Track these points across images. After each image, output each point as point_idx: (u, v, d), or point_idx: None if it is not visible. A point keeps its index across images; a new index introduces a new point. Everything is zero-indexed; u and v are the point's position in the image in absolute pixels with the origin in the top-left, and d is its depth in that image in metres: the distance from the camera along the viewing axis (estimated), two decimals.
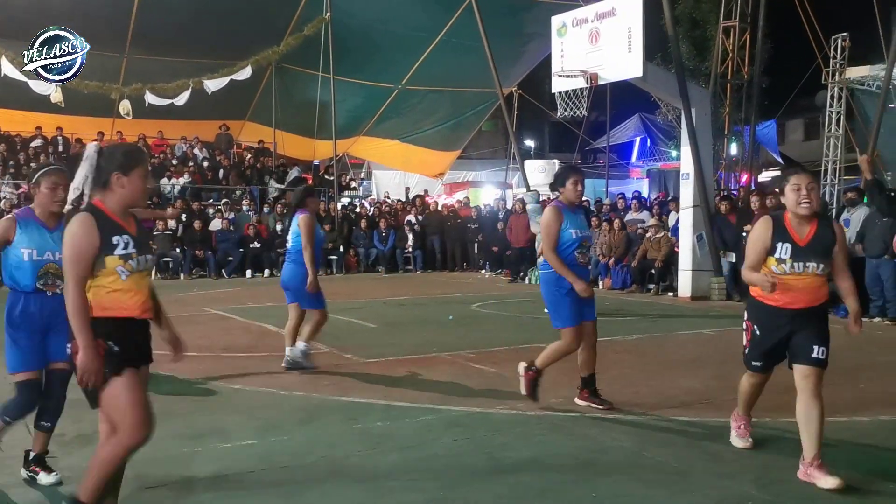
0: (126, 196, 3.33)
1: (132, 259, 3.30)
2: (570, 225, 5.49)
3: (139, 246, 3.36)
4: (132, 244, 3.30)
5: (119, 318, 3.28)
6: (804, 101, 23.82)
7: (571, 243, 5.48)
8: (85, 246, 3.17)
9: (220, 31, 20.24)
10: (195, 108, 20.97)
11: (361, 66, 22.15)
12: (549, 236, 5.47)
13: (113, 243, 3.23)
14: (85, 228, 3.18)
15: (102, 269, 3.22)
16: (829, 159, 20.85)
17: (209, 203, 20.04)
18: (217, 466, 4.42)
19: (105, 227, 3.23)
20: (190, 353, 7.72)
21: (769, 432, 5.05)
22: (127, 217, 3.38)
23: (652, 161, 29.58)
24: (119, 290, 3.26)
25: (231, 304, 12.31)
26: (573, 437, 5.01)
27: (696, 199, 12.96)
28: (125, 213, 3.38)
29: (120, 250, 3.24)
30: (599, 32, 12.62)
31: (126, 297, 3.29)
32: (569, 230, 5.48)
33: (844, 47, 19.78)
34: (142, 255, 3.38)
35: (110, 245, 3.23)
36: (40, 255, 4.18)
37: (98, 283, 3.22)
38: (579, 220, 5.61)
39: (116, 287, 3.25)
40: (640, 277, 14.32)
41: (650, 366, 7.47)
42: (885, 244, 10.21)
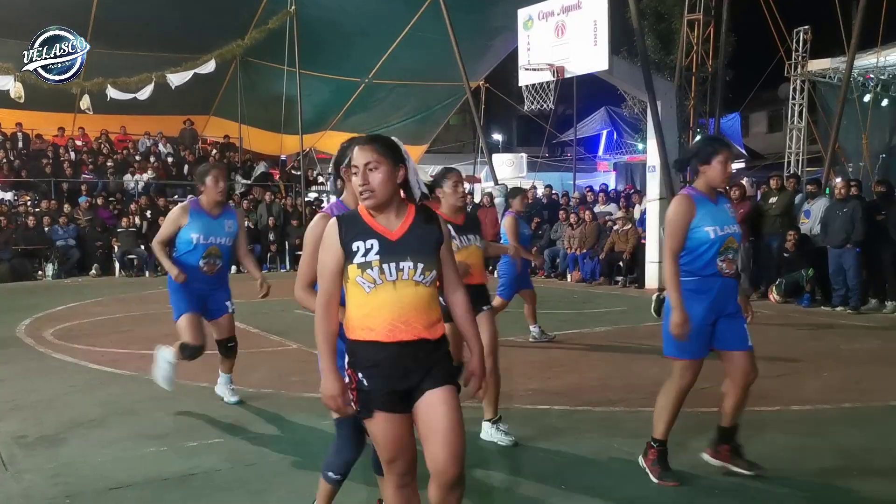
0: None
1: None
2: (706, 220, 3.98)
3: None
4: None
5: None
6: (767, 94, 24.10)
7: (709, 246, 3.97)
8: None
9: (183, 25, 19.94)
10: (158, 102, 20.66)
11: (327, 60, 22.00)
12: (673, 236, 4.03)
13: None
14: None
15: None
16: (791, 151, 21.16)
17: (174, 199, 19.78)
18: (183, 466, 4.36)
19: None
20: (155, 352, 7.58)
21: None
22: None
23: (619, 154, 29.76)
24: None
25: None
26: (543, 430, 5.02)
27: (662, 192, 13.07)
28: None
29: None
30: (565, 26, 12.66)
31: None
32: (703, 228, 3.98)
33: (806, 40, 20.07)
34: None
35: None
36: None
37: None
38: (721, 213, 4.04)
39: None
40: (607, 269, 14.42)
41: (618, 358, 7.52)
42: (846, 234, 10.37)
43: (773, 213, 11.62)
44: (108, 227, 17.64)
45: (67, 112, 21.23)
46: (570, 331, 8.88)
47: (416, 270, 2.60)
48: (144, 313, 10.83)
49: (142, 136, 22.45)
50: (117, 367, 6.99)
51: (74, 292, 13.61)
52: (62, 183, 19.18)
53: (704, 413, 4.74)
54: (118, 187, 19.89)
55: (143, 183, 20.10)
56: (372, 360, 2.59)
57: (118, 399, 5.92)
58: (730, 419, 4.09)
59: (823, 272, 10.87)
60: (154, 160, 21.30)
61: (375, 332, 2.58)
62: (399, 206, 2.69)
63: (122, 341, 8.39)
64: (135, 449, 4.67)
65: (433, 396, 2.62)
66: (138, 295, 13.29)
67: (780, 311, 10.63)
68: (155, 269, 17.03)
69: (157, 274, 16.89)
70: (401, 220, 2.67)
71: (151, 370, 5.58)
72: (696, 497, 3.86)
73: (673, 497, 3.87)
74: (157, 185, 20.32)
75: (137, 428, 5.11)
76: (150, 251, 16.92)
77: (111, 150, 21.59)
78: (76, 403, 5.78)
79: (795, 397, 4.05)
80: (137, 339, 8.56)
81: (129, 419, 5.36)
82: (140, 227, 17.67)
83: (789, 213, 11.67)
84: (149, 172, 20.47)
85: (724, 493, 3.89)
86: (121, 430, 5.09)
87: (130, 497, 3.92)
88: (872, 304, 10.58)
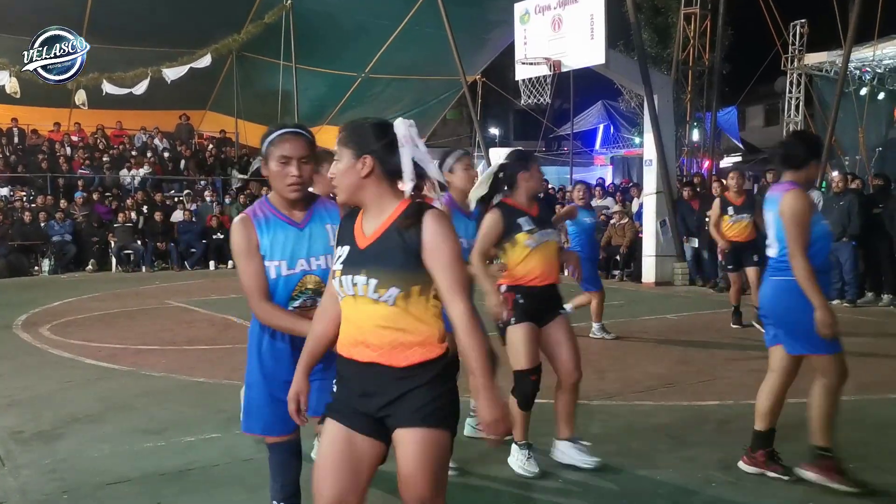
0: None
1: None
2: (819, 214, 3.85)
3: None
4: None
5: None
6: (764, 88, 24.13)
7: (826, 241, 3.80)
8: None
9: (179, 19, 19.87)
10: (154, 97, 20.61)
11: (324, 54, 21.94)
12: (804, 231, 3.68)
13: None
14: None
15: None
16: None
17: (170, 194, 19.76)
18: (180, 461, 4.36)
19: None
20: (152, 347, 7.63)
21: (732, 413, 5.12)
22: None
23: (615, 148, 29.76)
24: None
25: (194, 296, 12.16)
26: (537, 425, 5.01)
27: (659, 186, 13.07)
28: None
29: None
30: (562, 20, 12.64)
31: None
32: (821, 221, 3.83)
33: (803, 34, 20.06)
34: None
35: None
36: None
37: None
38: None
39: None
40: (604, 263, 14.41)
41: (615, 351, 7.52)
42: (842, 228, 10.38)
43: None
44: (105, 223, 17.61)
45: (63, 107, 21.16)
46: None
47: (370, 287, 2.24)
48: (141, 308, 10.82)
49: (138, 132, 22.39)
50: (114, 363, 6.98)
51: (71, 288, 13.60)
52: (58, 178, 19.15)
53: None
54: (114, 182, 19.85)
55: (140, 178, 20.07)
56: (340, 373, 2.38)
57: (115, 394, 5.91)
58: (768, 422, 3.96)
59: None
60: (150, 155, 21.25)
61: (340, 345, 2.37)
62: (383, 204, 2.32)
63: (119, 336, 8.38)
64: (132, 444, 4.66)
65: (399, 436, 2.26)
66: (135, 290, 13.29)
67: None
68: (151, 264, 17.05)
69: (154, 269, 16.91)
70: (379, 223, 2.31)
71: None
72: (689, 491, 3.87)
73: (667, 490, 3.87)
74: (153, 180, 20.28)
75: (134, 423, 5.11)
76: (146, 246, 17.02)
77: (107, 145, 21.54)
78: (73, 399, 5.78)
79: (791, 391, 4.06)
80: (134, 334, 8.56)
81: (126, 414, 5.35)
82: (136, 223, 17.64)
83: None
84: (145, 167, 20.43)
85: (721, 485, 3.89)
86: (118, 425, 5.09)
87: (127, 492, 3.92)
88: (869, 298, 10.60)
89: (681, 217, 13.01)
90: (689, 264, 12.95)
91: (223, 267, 17.29)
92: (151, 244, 17.16)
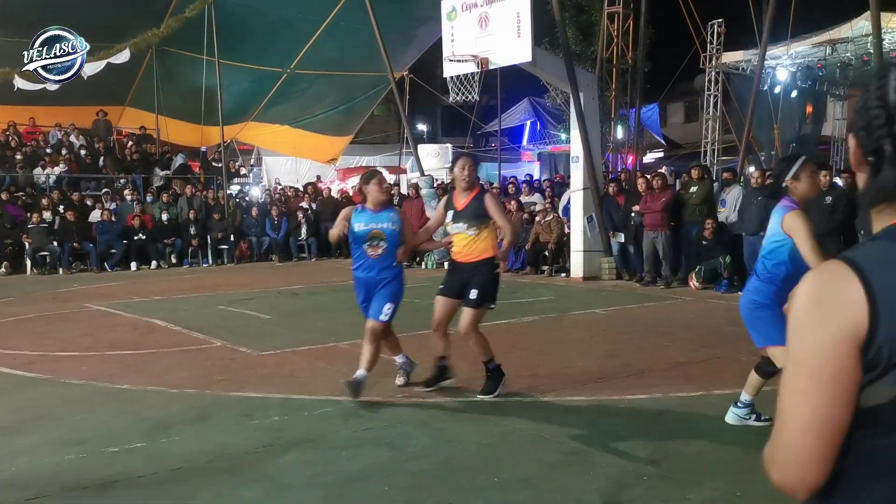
0: None
1: None
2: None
3: None
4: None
5: None
6: (684, 85, 24.76)
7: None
8: None
9: (96, 12, 19.16)
10: (70, 93, 19.78)
11: (248, 49, 21.51)
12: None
13: None
14: None
15: None
16: (707, 141, 21.80)
17: (88, 193, 19.07)
18: (104, 473, 4.19)
19: None
20: (72, 353, 7.35)
21: (661, 405, 5.22)
22: None
23: (542, 144, 30.12)
24: None
25: (115, 298, 11.76)
26: (473, 423, 5.03)
27: (585, 182, 13.26)
28: None
29: None
30: (489, 17, 12.69)
31: None
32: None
33: (720, 33, 20.67)
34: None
35: None
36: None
37: None
38: None
39: None
40: (533, 259, 14.57)
41: (546, 347, 7.60)
42: (760, 222, 10.69)
43: (693, 203, 11.92)
44: (18, 223, 16.89)
45: None
46: (498, 321, 8.93)
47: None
48: (59, 313, 10.41)
49: (52, 128, 21.54)
50: (31, 371, 6.68)
51: None
52: None
53: None
54: (28, 181, 19.06)
55: (55, 176, 19.32)
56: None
57: (33, 404, 5.66)
58: None
59: (740, 259, 11.22)
60: (66, 153, 20.47)
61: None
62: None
63: (36, 343, 8.04)
64: (52, 456, 4.47)
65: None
66: (52, 293, 12.78)
67: (699, 296, 10.94)
68: (69, 265, 16.43)
69: (72, 271, 16.31)
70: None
71: None
72: (623, 484, 3.92)
73: (601, 485, 3.91)
74: (70, 178, 19.55)
75: (54, 434, 4.90)
76: (63, 247, 16.38)
77: (19, 142, 20.63)
78: None
79: (719, 381, 4.16)
80: (52, 340, 8.23)
81: (46, 425, 5.13)
82: (52, 223, 16.96)
83: (708, 202, 12.00)
84: (60, 165, 19.68)
85: (653, 478, 3.96)
86: (37, 436, 4.87)
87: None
88: None
89: (607, 212, 13.23)
90: (616, 259, 13.19)
91: (145, 268, 16.82)
92: (68, 245, 16.55)
